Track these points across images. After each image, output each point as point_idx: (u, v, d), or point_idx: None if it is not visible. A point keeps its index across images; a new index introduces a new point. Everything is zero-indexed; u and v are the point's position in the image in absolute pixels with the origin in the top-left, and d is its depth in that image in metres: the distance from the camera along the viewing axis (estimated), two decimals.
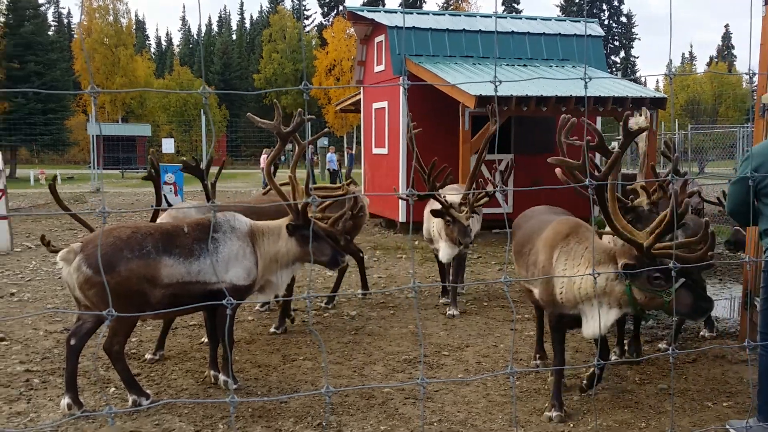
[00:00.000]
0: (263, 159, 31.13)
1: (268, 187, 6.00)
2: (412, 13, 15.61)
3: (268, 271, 5.53)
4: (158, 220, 5.86)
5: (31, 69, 41.15)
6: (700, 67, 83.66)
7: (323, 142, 36.45)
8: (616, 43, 68.77)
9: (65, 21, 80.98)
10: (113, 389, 5.47)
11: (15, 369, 5.93)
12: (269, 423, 4.80)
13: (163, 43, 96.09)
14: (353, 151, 34.31)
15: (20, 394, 5.38)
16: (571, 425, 4.76)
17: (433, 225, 8.04)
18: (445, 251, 7.76)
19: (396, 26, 14.72)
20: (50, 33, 55.20)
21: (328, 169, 30.80)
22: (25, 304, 8.39)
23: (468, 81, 12.64)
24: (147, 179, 6.51)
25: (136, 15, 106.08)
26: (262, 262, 5.46)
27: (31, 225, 16.01)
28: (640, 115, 4.63)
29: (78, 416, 4.78)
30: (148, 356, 6.21)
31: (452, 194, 7.71)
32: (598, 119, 14.98)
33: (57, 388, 5.43)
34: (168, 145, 34.47)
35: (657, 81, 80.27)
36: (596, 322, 4.46)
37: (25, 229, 15.30)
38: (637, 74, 56.00)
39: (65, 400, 4.92)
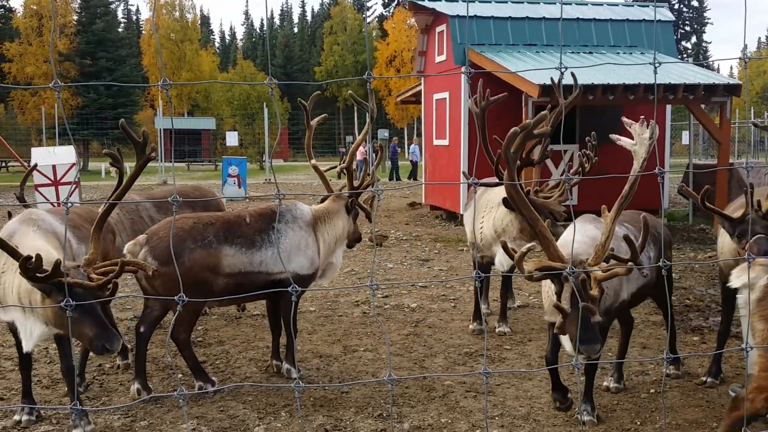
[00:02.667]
0: (360, 152, 31.28)
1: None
2: (474, 2, 15.36)
3: (330, 253, 5.62)
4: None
5: (103, 65, 42.68)
6: None
7: (384, 134, 36.47)
8: (687, 29, 66.29)
9: (134, 18, 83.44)
10: (180, 375, 5.61)
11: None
12: (330, 412, 4.84)
13: (227, 37, 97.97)
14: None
15: (93, 379, 5.58)
16: (638, 423, 4.63)
17: (481, 226, 6.59)
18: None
19: (457, 15, 14.53)
20: (120, 30, 57.04)
21: (411, 161, 30.77)
22: None
23: (527, 67, 12.38)
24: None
25: (201, 10, 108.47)
26: (324, 248, 5.52)
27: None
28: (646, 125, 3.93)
29: (146, 398, 4.92)
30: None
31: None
32: (668, 107, 14.50)
33: (127, 374, 5.60)
34: (232, 138, 35.14)
35: (731, 68, 77.23)
36: None
37: None
38: (709, 59, 53.75)
39: (135, 386, 5.08)
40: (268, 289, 5.07)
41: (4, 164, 37.04)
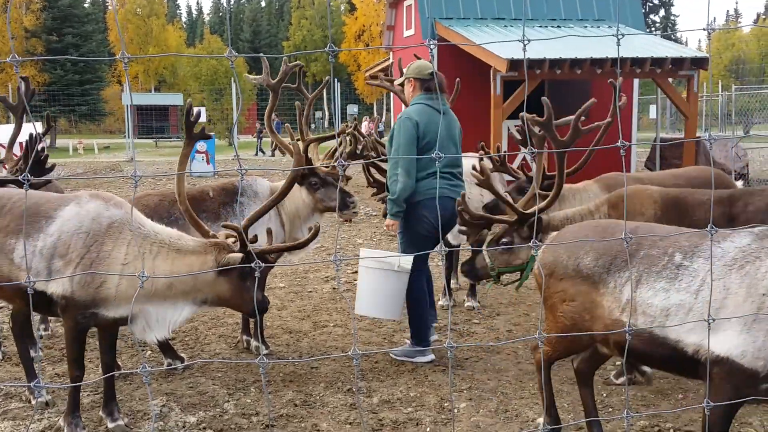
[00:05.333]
0: (365, 125, 30.91)
1: (275, 144, 5.96)
2: None
3: (294, 228, 5.58)
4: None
5: (69, 41, 41.82)
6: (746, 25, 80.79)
7: (353, 110, 36.28)
8: (656, 1, 66.63)
9: None
10: (149, 352, 5.58)
11: (57, 331, 6.10)
12: (300, 387, 4.86)
13: (194, 12, 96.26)
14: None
15: (63, 356, 5.54)
16: (605, 395, 4.71)
17: None
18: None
19: None
20: (86, 5, 55.71)
21: None
22: None
23: (497, 42, 12.37)
24: None
25: None
26: (288, 223, 5.50)
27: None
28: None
29: (115, 373, 4.89)
30: None
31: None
32: (635, 81, 14.61)
33: (97, 350, 5.54)
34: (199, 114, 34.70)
35: (699, 41, 77.96)
36: None
37: None
38: (676, 30, 53.86)
39: None
40: None
41: None
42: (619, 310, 3.34)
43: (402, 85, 5.63)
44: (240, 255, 3.81)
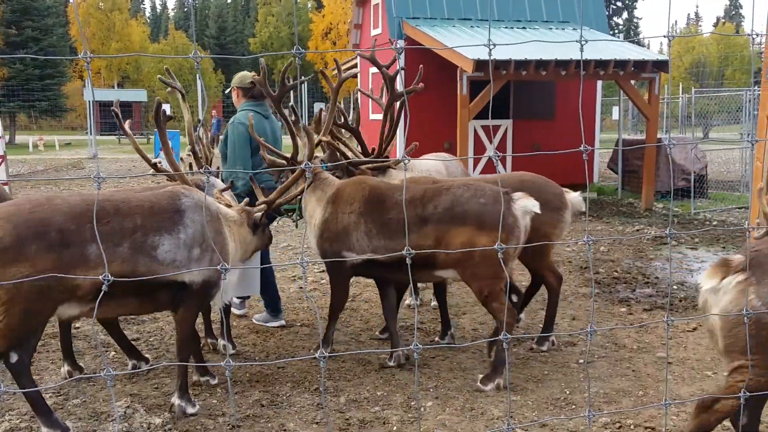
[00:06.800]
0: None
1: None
2: None
3: None
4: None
5: (29, 35, 40.93)
6: (707, 28, 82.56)
7: (321, 106, 36.12)
8: (619, 4, 67.61)
9: None
10: (113, 353, 5.51)
11: None
12: (267, 387, 4.84)
13: (158, 7, 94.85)
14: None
15: None
16: (568, 392, 4.79)
17: None
18: None
19: None
20: None
21: None
22: None
23: (463, 44, 12.45)
24: None
25: None
26: None
27: (31, 191, 15.97)
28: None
29: (78, 378, 4.82)
30: None
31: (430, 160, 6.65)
32: (599, 83, 14.84)
33: (58, 352, 5.45)
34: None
35: (661, 44, 79.33)
36: None
37: (24, 195, 15.22)
38: (639, 35, 54.62)
39: (65, 368, 5.00)
40: None
41: None
42: None
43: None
44: (261, 212, 4.78)
